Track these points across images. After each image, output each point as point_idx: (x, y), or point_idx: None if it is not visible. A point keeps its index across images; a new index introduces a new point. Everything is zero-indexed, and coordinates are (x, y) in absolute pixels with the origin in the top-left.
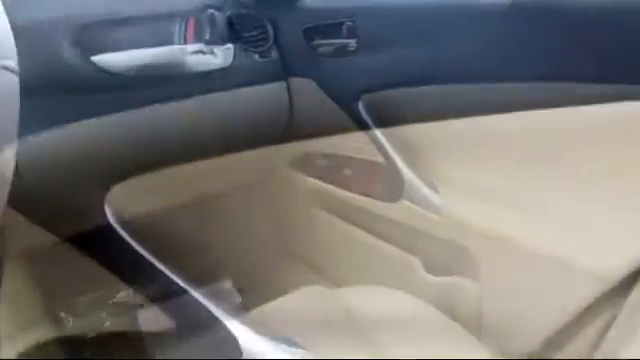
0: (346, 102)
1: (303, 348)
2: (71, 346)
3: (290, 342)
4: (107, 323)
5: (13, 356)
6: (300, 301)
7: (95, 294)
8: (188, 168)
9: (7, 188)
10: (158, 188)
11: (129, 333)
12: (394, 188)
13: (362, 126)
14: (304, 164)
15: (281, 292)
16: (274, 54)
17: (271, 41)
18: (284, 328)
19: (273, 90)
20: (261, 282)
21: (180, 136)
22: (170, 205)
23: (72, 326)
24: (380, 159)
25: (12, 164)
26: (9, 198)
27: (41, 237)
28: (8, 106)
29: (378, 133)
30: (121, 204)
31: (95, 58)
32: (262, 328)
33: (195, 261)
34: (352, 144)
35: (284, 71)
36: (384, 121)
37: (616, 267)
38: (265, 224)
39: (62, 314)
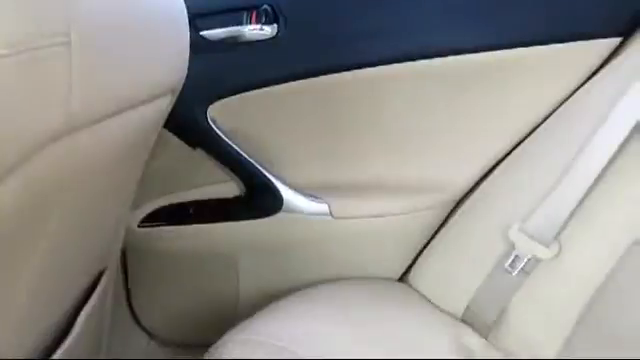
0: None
1: (324, 201)
2: (179, 210)
3: (317, 198)
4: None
5: (139, 220)
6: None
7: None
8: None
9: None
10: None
11: (215, 200)
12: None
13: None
14: None
15: None
16: None
17: None
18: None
19: None
20: None
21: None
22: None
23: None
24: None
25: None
26: None
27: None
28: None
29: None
30: (218, 116)
31: (202, 32)
32: (302, 190)
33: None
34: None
35: None
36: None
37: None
38: None
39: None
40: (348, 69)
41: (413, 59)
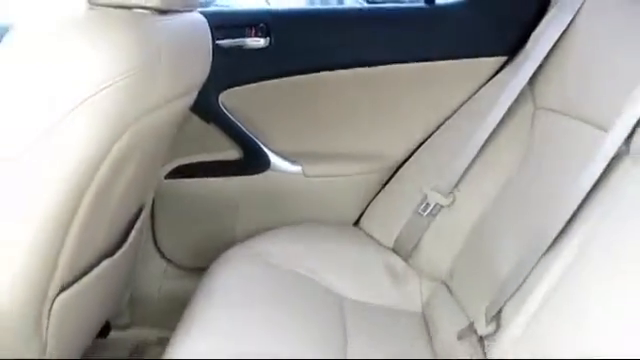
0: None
1: (299, 164)
2: (195, 167)
3: (294, 161)
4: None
5: (165, 173)
6: None
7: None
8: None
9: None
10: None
11: (221, 161)
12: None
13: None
14: None
15: None
16: None
17: None
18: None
19: None
20: None
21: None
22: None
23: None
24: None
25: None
26: None
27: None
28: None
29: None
30: (227, 100)
31: (217, 42)
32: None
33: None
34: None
35: None
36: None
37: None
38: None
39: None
40: (319, 71)
41: (363, 66)
